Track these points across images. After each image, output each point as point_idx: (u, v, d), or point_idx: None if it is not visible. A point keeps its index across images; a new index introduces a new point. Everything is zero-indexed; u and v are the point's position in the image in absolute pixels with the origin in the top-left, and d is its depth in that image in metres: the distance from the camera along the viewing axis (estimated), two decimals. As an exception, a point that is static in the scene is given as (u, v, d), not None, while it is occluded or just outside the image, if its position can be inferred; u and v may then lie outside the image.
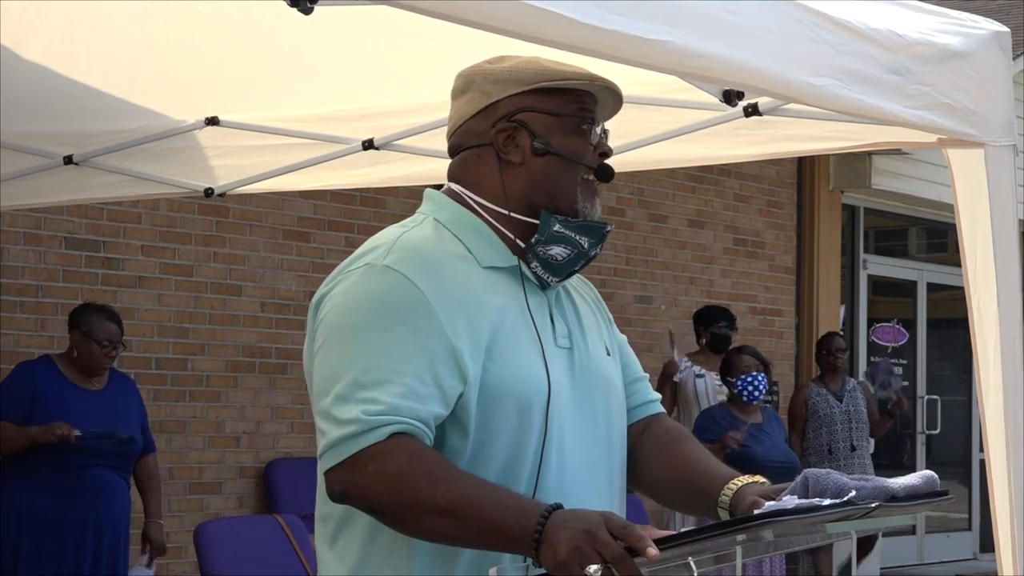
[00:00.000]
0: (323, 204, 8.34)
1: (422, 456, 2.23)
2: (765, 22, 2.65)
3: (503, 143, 2.44)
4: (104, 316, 6.27)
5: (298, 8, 2.40)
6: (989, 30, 3.15)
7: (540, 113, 2.44)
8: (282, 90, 4.52)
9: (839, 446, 9.57)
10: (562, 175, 2.44)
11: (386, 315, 2.29)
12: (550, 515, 2.14)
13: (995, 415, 3.11)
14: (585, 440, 2.42)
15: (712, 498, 2.46)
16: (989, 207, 3.13)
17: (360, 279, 2.34)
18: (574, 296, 2.57)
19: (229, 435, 7.98)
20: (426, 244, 2.39)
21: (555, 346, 2.43)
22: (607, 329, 2.62)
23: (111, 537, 6.14)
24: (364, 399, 2.24)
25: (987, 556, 12.51)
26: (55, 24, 3.90)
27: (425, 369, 2.27)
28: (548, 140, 2.43)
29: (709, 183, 10.84)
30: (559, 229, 2.42)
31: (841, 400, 9.62)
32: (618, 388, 2.55)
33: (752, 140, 4.06)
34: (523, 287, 2.41)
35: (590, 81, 2.48)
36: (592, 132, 2.48)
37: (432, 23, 2.49)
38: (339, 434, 2.25)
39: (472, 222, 2.45)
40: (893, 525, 2.49)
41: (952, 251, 12.93)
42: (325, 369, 2.32)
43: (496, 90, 2.46)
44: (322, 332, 2.34)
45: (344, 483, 2.25)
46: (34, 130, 4.91)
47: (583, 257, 2.46)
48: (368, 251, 2.39)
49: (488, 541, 2.21)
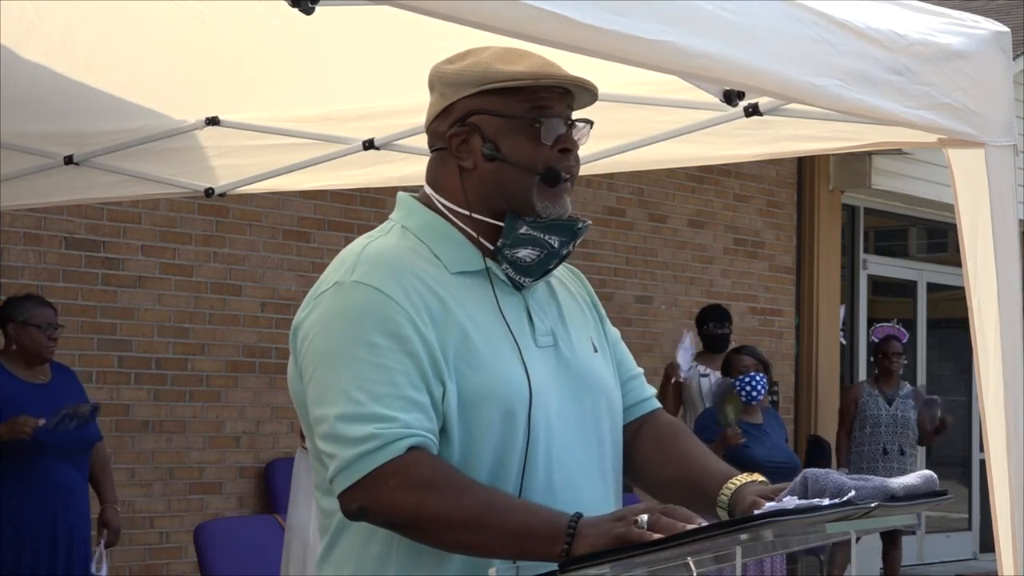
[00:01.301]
0: (323, 204, 8.34)
1: (441, 468, 2.24)
2: (765, 22, 2.65)
3: (457, 148, 2.42)
4: (37, 302, 6.23)
5: (299, 8, 2.40)
6: (989, 30, 3.15)
7: (490, 115, 2.40)
8: (282, 90, 4.52)
9: (883, 448, 9.63)
10: (513, 180, 2.40)
11: (367, 330, 2.28)
12: (579, 516, 2.16)
13: (995, 415, 3.11)
14: (575, 439, 2.41)
15: (711, 496, 2.45)
16: (989, 207, 3.13)
17: (332, 300, 2.33)
18: (558, 291, 2.54)
19: (229, 435, 7.98)
20: (392, 253, 2.37)
21: (535, 346, 2.40)
22: (596, 324, 2.59)
23: (80, 536, 6.12)
24: (372, 415, 2.23)
25: (987, 556, 12.51)
26: (55, 24, 3.90)
27: (418, 378, 2.27)
28: (498, 143, 2.39)
29: (709, 183, 10.83)
30: (526, 231, 2.39)
31: (891, 404, 9.67)
32: (607, 384, 2.51)
33: (752, 140, 4.06)
34: (493, 290, 2.39)
35: (536, 79, 2.40)
36: (546, 130, 2.40)
37: (432, 23, 2.49)
38: (355, 452, 2.23)
39: (441, 227, 2.43)
40: (893, 525, 2.49)
41: (952, 251, 12.94)
42: (321, 395, 2.30)
43: (450, 92, 2.44)
44: (309, 362, 2.33)
45: (364, 500, 2.24)
46: (34, 130, 4.91)
47: (555, 256, 2.43)
48: (335, 269, 2.38)
49: (514, 545, 2.20)
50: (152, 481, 7.64)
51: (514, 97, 2.40)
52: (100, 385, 7.40)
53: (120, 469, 7.46)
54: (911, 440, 9.76)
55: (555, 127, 2.41)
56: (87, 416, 6.05)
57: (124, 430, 7.51)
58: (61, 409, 5.94)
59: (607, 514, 2.17)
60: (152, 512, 7.64)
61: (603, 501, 2.42)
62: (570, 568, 2.11)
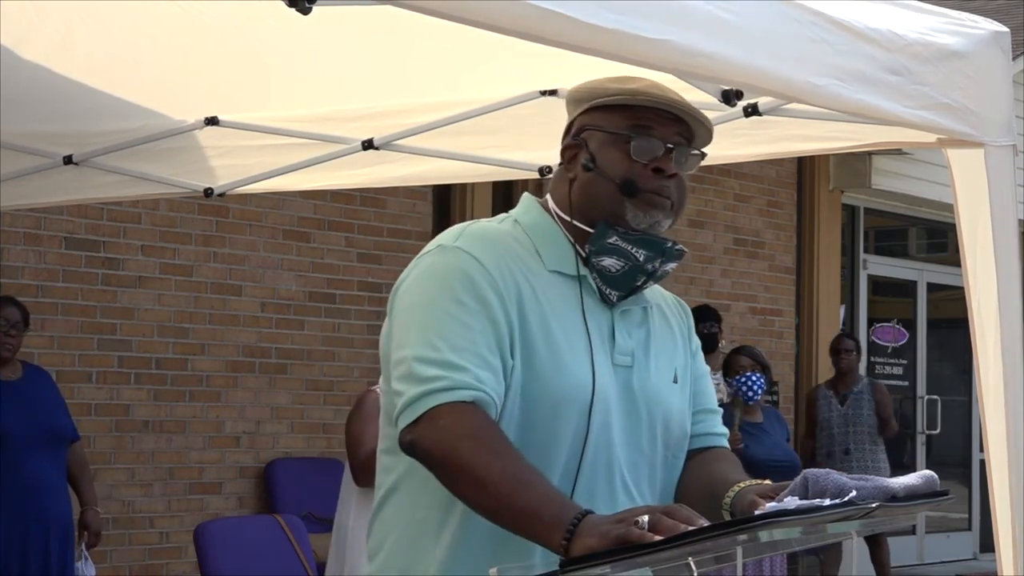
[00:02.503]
0: (323, 204, 8.34)
1: (490, 427, 2.31)
2: (765, 22, 2.65)
3: (568, 160, 2.58)
4: (3, 300, 6.22)
5: (296, 8, 2.40)
6: (989, 30, 3.15)
7: (596, 131, 2.55)
8: (282, 90, 4.52)
9: (835, 449, 9.58)
10: (599, 188, 2.51)
11: (457, 289, 2.40)
12: (587, 513, 2.18)
13: (995, 415, 3.11)
14: (627, 459, 2.47)
15: (718, 501, 2.48)
16: (989, 207, 3.13)
17: (432, 260, 2.47)
18: (655, 319, 2.64)
19: (229, 435, 7.98)
20: (497, 235, 2.51)
21: (611, 363, 2.49)
22: (686, 358, 2.67)
23: (59, 533, 6.10)
24: (446, 362, 2.33)
25: (987, 556, 12.51)
26: (55, 24, 3.90)
27: (494, 343, 2.37)
28: (595, 156, 2.53)
29: (709, 183, 10.84)
30: (614, 241, 2.50)
31: (843, 403, 9.62)
32: (678, 416, 2.59)
33: (752, 140, 4.06)
34: (580, 296, 2.49)
35: (633, 95, 2.53)
36: (637, 147, 2.50)
37: (432, 23, 2.49)
38: (422, 390, 2.32)
39: (549, 228, 2.56)
40: (894, 526, 2.49)
41: (952, 251, 12.93)
42: (403, 338, 2.41)
43: (571, 109, 2.62)
44: (399, 311, 2.45)
45: (415, 434, 2.32)
46: (34, 130, 4.91)
47: (639, 271, 2.53)
48: (441, 236, 2.52)
49: (520, 522, 2.24)
50: (152, 481, 7.64)
51: (619, 114, 2.54)
52: (100, 385, 7.40)
53: (120, 469, 7.46)
54: (867, 437, 9.65)
55: (650, 146, 2.52)
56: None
57: (124, 430, 7.51)
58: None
59: (609, 515, 2.17)
60: (152, 512, 7.64)
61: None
62: (570, 568, 2.11)
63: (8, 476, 5.95)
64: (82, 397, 7.24)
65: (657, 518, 2.10)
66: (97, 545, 6.48)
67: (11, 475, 5.96)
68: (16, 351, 6.22)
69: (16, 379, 6.19)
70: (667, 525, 2.09)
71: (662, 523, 2.10)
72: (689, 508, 2.15)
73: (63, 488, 6.23)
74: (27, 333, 6.31)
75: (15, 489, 5.97)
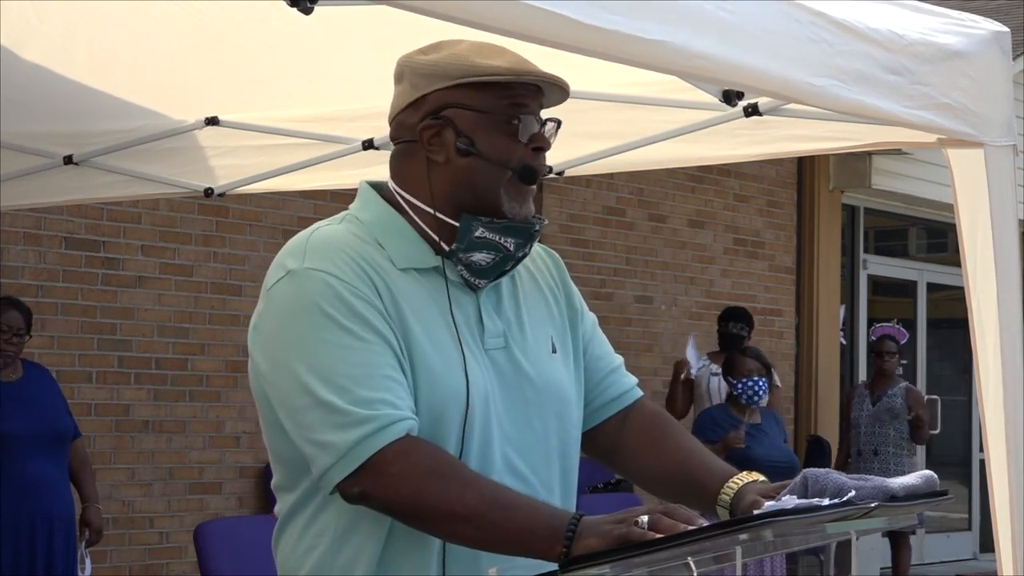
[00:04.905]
0: (323, 204, 8.34)
1: (440, 457, 2.21)
2: (765, 22, 2.65)
3: (428, 141, 2.35)
4: (7, 304, 6.20)
5: (298, 8, 2.39)
6: (989, 30, 3.16)
7: (466, 109, 2.34)
8: (282, 90, 4.52)
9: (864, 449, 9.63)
10: (486, 176, 2.34)
11: (329, 314, 2.23)
12: (581, 517, 2.15)
13: (995, 415, 3.11)
14: (517, 445, 2.37)
15: (710, 494, 2.45)
16: (989, 207, 3.13)
17: (286, 290, 2.30)
18: (524, 285, 2.48)
19: (229, 435, 7.98)
20: (341, 240, 2.33)
21: (483, 350, 2.35)
22: (562, 318, 2.52)
23: (62, 531, 6.09)
24: (363, 400, 2.19)
25: (987, 556, 12.51)
26: (55, 24, 3.90)
27: (393, 358, 2.24)
28: (473, 138, 2.33)
29: (709, 183, 10.84)
30: (481, 234, 2.33)
31: (875, 404, 9.66)
32: (560, 386, 2.45)
33: (752, 140, 4.06)
34: (447, 290, 2.34)
35: (517, 75, 2.35)
36: (523, 128, 2.35)
37: (432, 23, 2.49)
38: (352, 437, 2.18)
39: (394, 222, 2.37)
40: (892, 526, 2.49)
41: (952, 251, 12.93)
42: (293, 387, 2.24)
43: (423, 84, 2.37)
44: (273, 354, 2.29)
45: (364, 486, 2.20)
46: (34, 130, 4.91)
47: (510, 259, 2.38)
48: (284, 258, 2.36)
49: (514, 543, 2.18)
50: (152, 481, 7.64)
51: (491, 92, 2.34)
52: (100, 385, 7.40)
53: (120, 469, 7.46)
54: (893, 440, 9.68)
55: (531, 125, 2.37)
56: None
57: (124, 430, 7.51)
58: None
59: (608, 515, 2.17)
60: (152, 512, 7.64)
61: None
62: (570, 568, 2.11)
63: (10, 477, 5.95)
64: (82, 397, 7.23)
65: (657, 518, 2.10)
66: (99, 543, 6.48)
67: (13, 476, 5.95)
68: (17, 357, 6.20)
69: (17, 379, 6.18)
70: (667, 525, 2.09)
71: (662, 523, 2.09)
72: (688, 508, 2.14)
73: (66, 487, 6.23)
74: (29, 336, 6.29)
75: (18, 490, 5.96)
